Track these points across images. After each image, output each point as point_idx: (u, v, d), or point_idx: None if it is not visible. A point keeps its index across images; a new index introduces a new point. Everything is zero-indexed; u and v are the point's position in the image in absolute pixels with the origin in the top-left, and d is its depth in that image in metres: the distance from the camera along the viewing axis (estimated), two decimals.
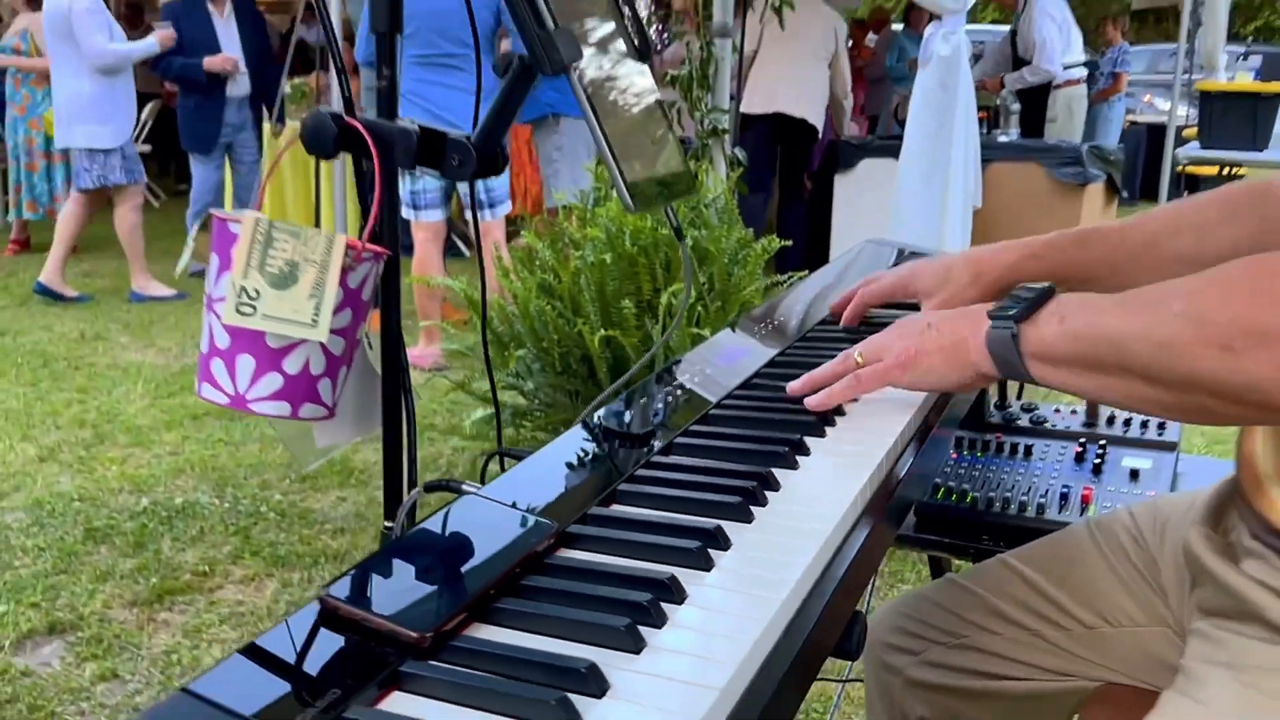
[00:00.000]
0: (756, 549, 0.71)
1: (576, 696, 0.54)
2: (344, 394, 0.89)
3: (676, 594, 0.65)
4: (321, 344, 0.81)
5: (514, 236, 6.11)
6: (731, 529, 0.73)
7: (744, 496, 0.76)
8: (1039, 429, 1.55)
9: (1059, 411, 1.60)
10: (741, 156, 3.35)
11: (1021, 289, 0.84)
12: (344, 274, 0.80)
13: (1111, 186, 4.52)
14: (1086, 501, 1.31)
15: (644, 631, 0.61)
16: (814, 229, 5.20)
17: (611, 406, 0.96)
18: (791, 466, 0.83)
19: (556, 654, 0.58)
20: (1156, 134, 9.96)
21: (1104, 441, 1.46)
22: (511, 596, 0.65)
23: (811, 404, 0.91)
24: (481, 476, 0.86)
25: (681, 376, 1.04)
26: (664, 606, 0.63)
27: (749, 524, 0.74)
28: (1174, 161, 8.66)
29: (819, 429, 0.90)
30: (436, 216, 4.18)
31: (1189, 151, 6.05)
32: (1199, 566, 0.87)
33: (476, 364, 2.89)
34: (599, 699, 0.55)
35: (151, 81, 7.49)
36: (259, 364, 0.80)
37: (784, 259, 3.21)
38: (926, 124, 4.13)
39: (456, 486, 0.78)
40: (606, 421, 0.93)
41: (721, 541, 0.71)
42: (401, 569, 0.66)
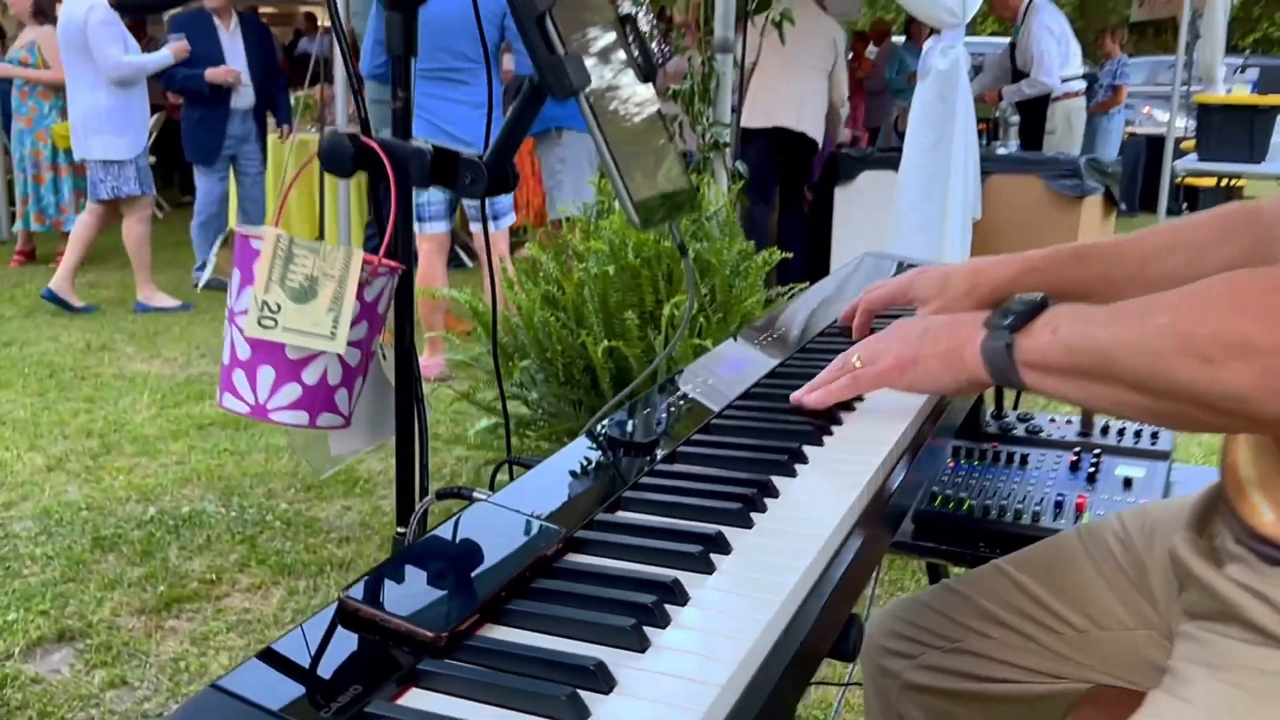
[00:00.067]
0: (756, 553, 0.74)
1: (585, 692, 0.57)
2: (358, 403, 0.92)
3: (680, 596, 0.67)
4: (339, 355, 0.85)
5: (517, 247, 6.15)
6: (732, 534, 0.76)
7: (744, 503, 0.79)
8: (1035, 438, 1.58)
9: (1054, 421, 1.63)
10: (743, 169, 3.39)
11: (1017, 300, 0.86)
12: (361, 288, 0.83)
13: (1109, 199, 4.55)
14: (1081, 509, 1.34)
15: (649, 631, 0.63)
16: (814, 240, 5.24)
17: (616, 416, 0.99)
18: (790, 474, 0.86)
19: (566, 652, 0.61)
20: (1155, 145, 10.01)
21: (1098, 451, 1.49)
22: (522, 598, 0.68)
23: (810, 401, 0.94)
24: (491, 484, 0.89)
25: (684, 387, 1.07)
26: (668, 608, 0.66)
27: (749, 529, 0.77)
28: (1172, 173, 8.71)
29: (817, 438, 0.93)
30: (441, 228, 4.22)
31: (1187, 164, 6.09)
32: (1185, 570, 0.90)
33: (481, 374, 2.92)
34: (607, 695, 0.58)
35: (155, 93, 7.55)
36: (279, 374, 0.83)
37: (785, 270, 3.24)
38: (925, 136, 4.16)
39: (467, 494, 0.81)
40: (611, 431, 0.96)
41: (723, 546, 0.74)
42: (417, 573, 0.69)
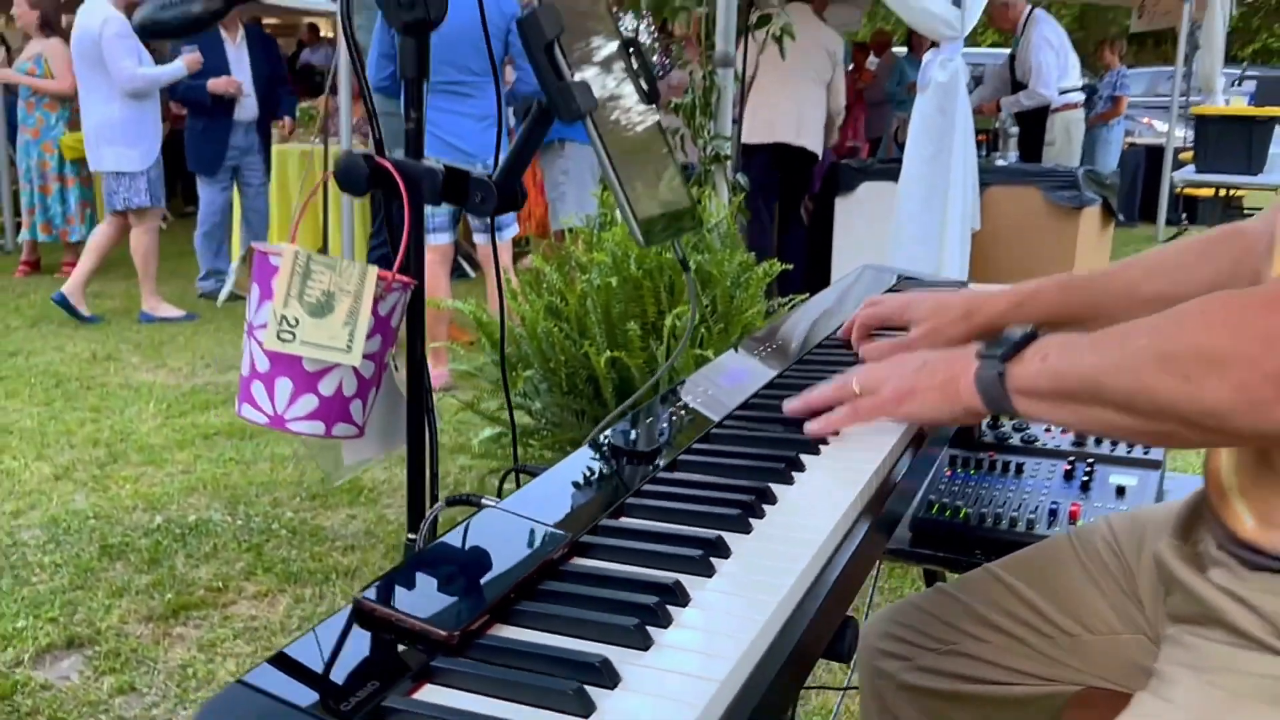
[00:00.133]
0: (754, 557, 0.77)
1: (591, 688, 0.60)
2: (371, 414, 0.96)
3: (681, 597, 0.71)
4: (354, 367, 0.88)
5: (520, 258, 6.19)
6: (731, 539, 0.79)
7: (743, 509, 0.83)
8: (1030, 448, 1.61)
9: (1049, 431, 1.66)
10: (743, 182, 3.42)
11: (1008, 332, 0.90)
12: (375, 303, 0.87)
13: (1108, 209, 4.59)
14: (1074, 517, 1.37)
15: (651, 630, 0.67)
16: (815, 250, 5.27)
17: (619, 426, 1.02)
18: (787, 482, 0.90)
19: (572, 650, 0.64)
20: (1155, 156, 10.06)
21: (1092, 460, 1.52)
22: (530, 599, 0.71)
23: (811, 430, 0.97)
24: (499, 491, 0.92)
25: (685, 397, 1.10)
26: (669, 608, 0.69)
27: (748, 534, 0.81)
28: (1171, 184, 8.76)
29: (813, 447, 0.96)
30: (445, 239, 4.26)
31: (1185, 175, 6.14)
32: (1170, 576, 0.93)
33: (484, 384, 2.95)
34: (611, 690, 0.61)
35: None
36: (296, 386, 0.87)
37: (785, 280, 3.28)
38: (925, 148, 4.20)
39: (476, 501, 0.84)
40: (615, 440, 0.99)
41: (722, 550, 0.77)
42: (430, 575, 0.72)
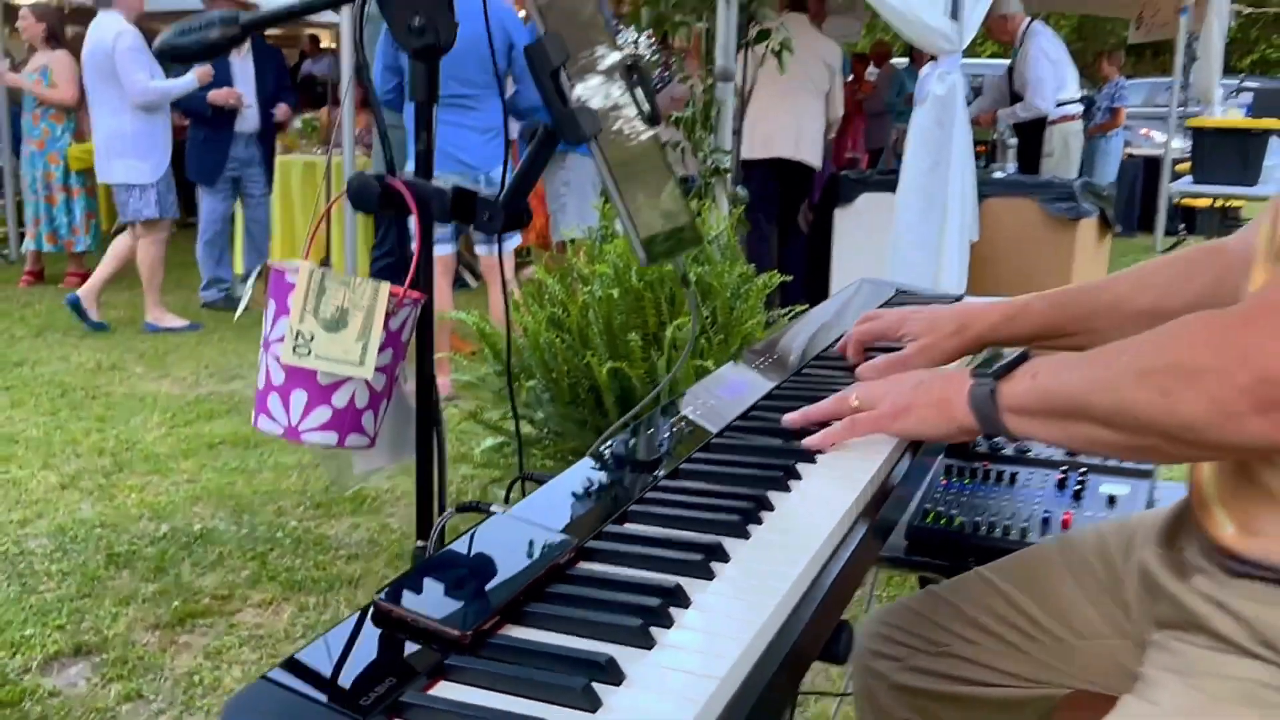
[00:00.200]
0: (752, 562, 0.80)
1: (597, 684, 0.64)
2: (381, 424, 0.99)
3: (682, 600, 0.74)
4: (366, 380, 0.91)
5: (521, 268, 6.23)
6: (731, 545, 0.82)
7: (742, 516, 0.86)
8: (1023, 457, 1.64)
9: None
10: (743, 194, 3.46)
11: (1001, 355, 0.93)
12: (386, 318, 0.90)
13: (1104, 221, 4.62)
14: (1066, 526, 1.39)
15: (654, 631, 0.70)
16: (814, 261, 5.31)
17: (622, 436, 1.05)
18: (785, 489, 0.93)
19: (579, 649, 0.68)
20: (1153, 166, 10.11)
21: (1084, 469, 1.55)
22: (539, 601, 0.74)
23: (810, 443, 1.01)
24: (506, 498, 0.96)
25: (686, 408, 1.13)
26: (671, 610, 0.72)
27: (746, 540, 0.84)
28: (1169, 195, 8.80)
29: (810, 456, 0.99)
30: (447, 250, 4.30)
31: (1182, 186, 6.18)
32: (1154, 583, 0.96)
33: (486, 394, 2.98)
34: (616, 687, 0.64)
35: None
36: (310, 398, 0.90)
37: (786, 290, 3.32)
38: (923, 160, 4.24)
39: (485, 508, 0.88)
40: (618, 450, 1.02)
41: (722, 555, 0.81)
42: (443, 579, 0.76)
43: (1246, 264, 0.94)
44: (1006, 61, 7.00)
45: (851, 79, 9.43)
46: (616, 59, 0.98)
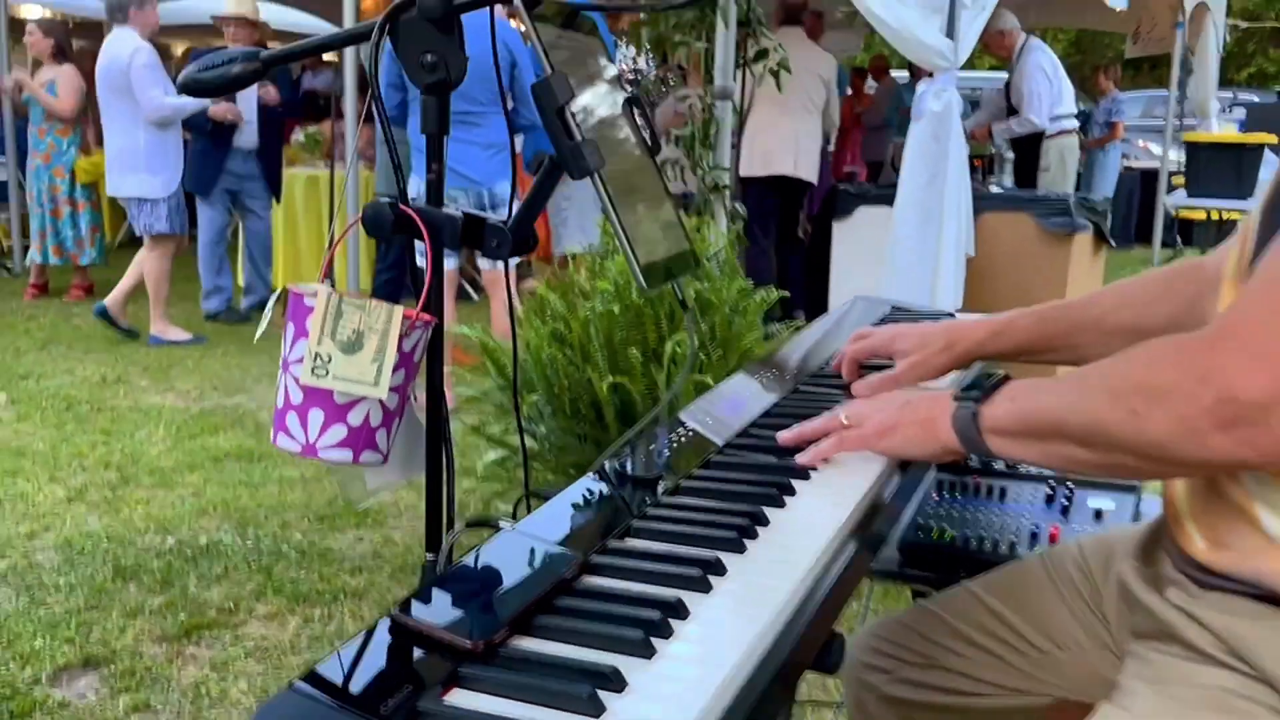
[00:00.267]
0: (749, 576, 0.85)
1: (602, 692, 0.68)
2: (394, 441, 1.03)
3: (681, 612, 0.78)
4: (380, 400, 0.96)
5: (521, 280, 6.28)
6: (728, 559, 0.86)
7: (739, 531, 0.90)
8: (1013, 472, 1.68)
9: None
10: (741, 211, 3.51)
11: (983, 378, 0.98)
12: (400, 340, 0.95)
13: (1100, 235, 4.68)
14: (1054, 539, 1.43)
15: (655, 642, 0.74)
16: (813, 273, 5.36)
17: (624, 453, 1.10)
18: (780, 506, 0.97)
19: (585, 659, 0.72)
20: (1150, 179, 10.18)
21: (1071, 484, 1.59)
22: (546, 614, 0.78)
23: (801, 460, 1.05)
24: (514, 514, 1.00)
25: (685, 425, 1.18)
26: (671, 622, 0.76)
27: (743, 555, 0.88)
28: (1165, 208, 8.86)
29: (804, 473, 1.04)
30: (450, 265, 4.35)
31: (1177, 199, 6.23)
32: (1132, 595, 1.00)
33: (489, 408, 3.02)
34: (619, 694, 0.69)
35: None
36: (327, 417, 0.94)
37: (786, 302, 3.36)
38: (920, 175, 4.29)
39: (494, 523, 0.92)
40: (620, 467, 1.07)
41: (719, 570, 0.85)
42: (455, 593, 0.80)
43: (1219, 284, 0.98)
44: (1005, 75, 7.06)
45: (850, 93, 9.51)
46: (619, 93, 1.03)
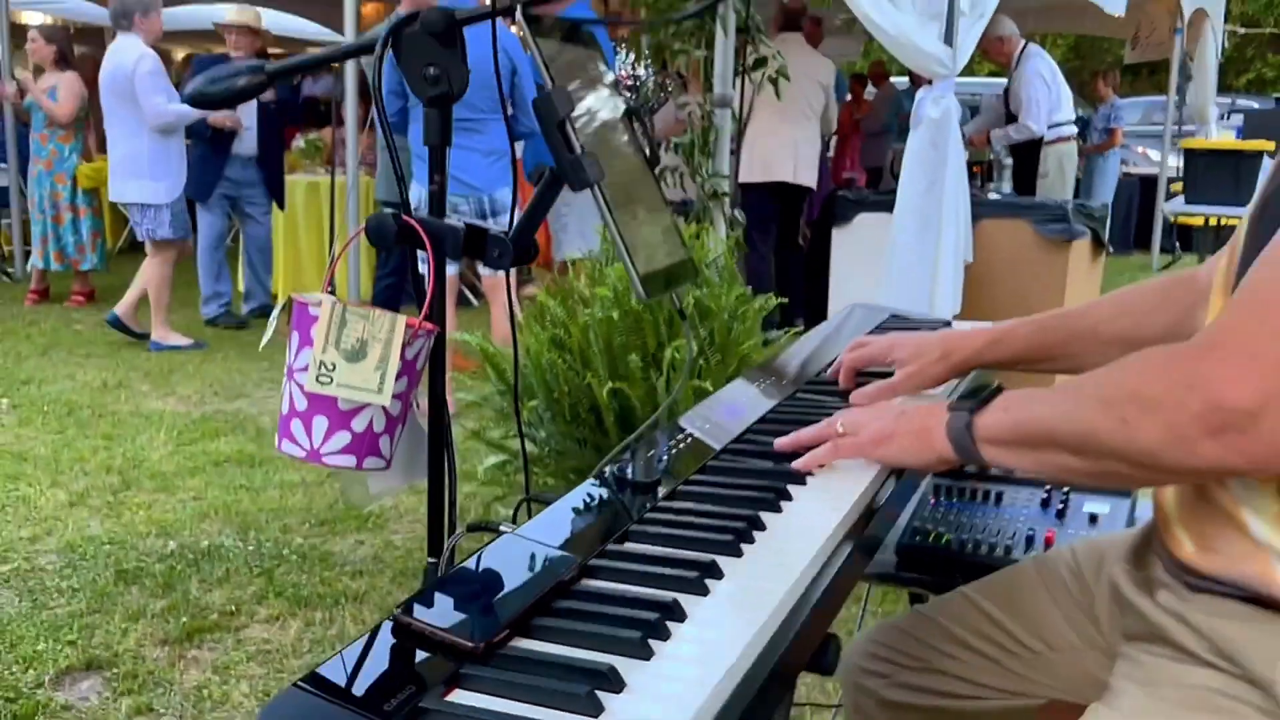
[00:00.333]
0: (745, 578, 0.86)
1: (600, 692, 0.69)
2: (396, 447, 1.05)
3: (679, 614, 0.80)
4: (383, 406, 0.98)
5: (522, 285, 6.30)
6: (724, 562, 0.88)
7: (735, 535, 0.92)
8: (1010, 477, 1.69)
9: None
10: (740, 218, 3.53)
11: (977, 389, 1.00)
12: (403, 348, 0.96)
13: (1097, 241, 4.69)
14: (1049, 543, 1.45)
15: (652, 643, 0.76)
16: (812, 278, 5.38)
17: (623, 458, 1.11)
18: (776, 510, 0.99)
19: (583, 659, 0.73)
20: (1149, 185, 10.19)
21: (1067, 488, 1.61)
22: (545, 616, 0.80)
23: (796, 465, 1.07)
24: (514, 518, 1.02)
25: (684, 431, 1.19)
26: (668, 624, 0.78)
27: (739, 558, 0.90)
28: (1164, 214, 8.88)
29: (800, 478, 1.05)
30: (451, 271, 4.37)
31: (1175, 206, 6.25)
32: (1122, 598, 1.02)
33: (489, 413, 3.04)
34: (617, 694, 0.70)
35: None
36: (331, 424, 0.96)
37: (786, 308, 3.38)
38: (919, 182, 4.31)
39: (495, 527, 0.93)
40: (619, 472, 1.08)
41: (716, 573, 0.86)
42: (457, 595, 0.82)
43: (1209, 294, 1.00)
44: (1004, 81, 7.09)
45: (850, 99, 9.53)
46: (618, 105, 1.05)
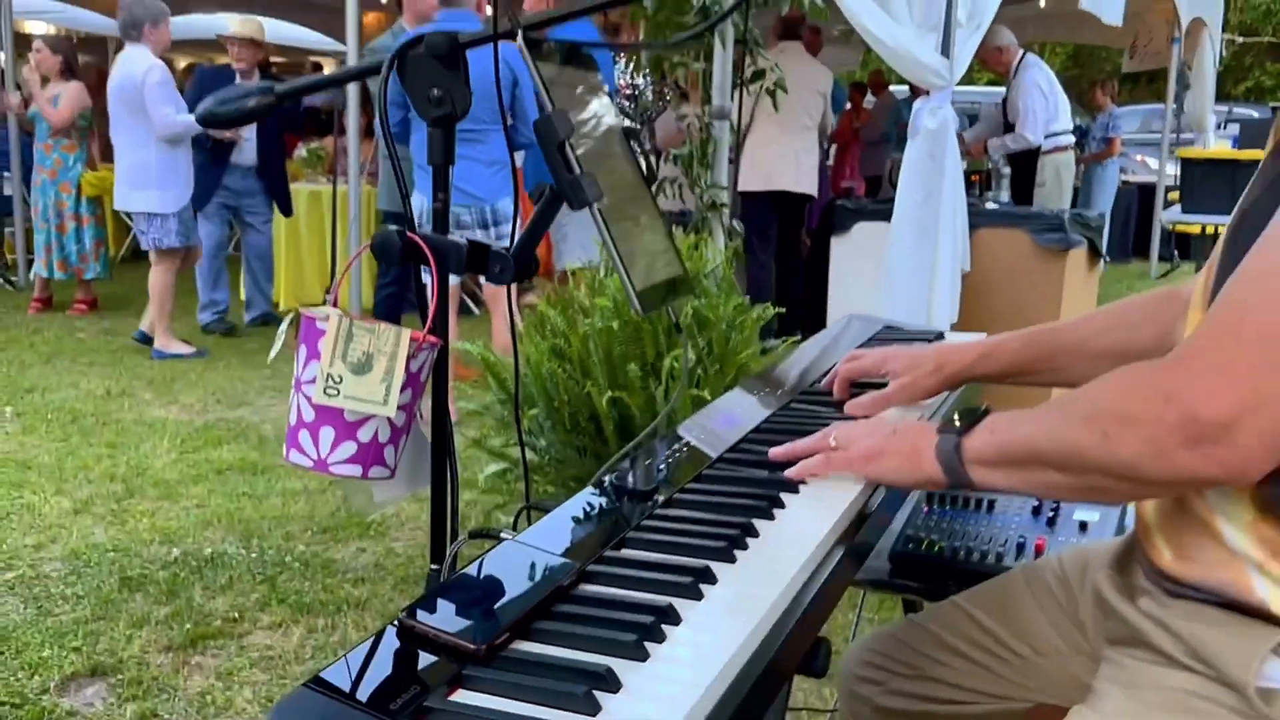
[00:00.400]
0: (738, 584, 0.89)
1: (597, 692, 0.72)
2: (400, 457, 1.08)
3: (673, 618, 0.83)
4: (388, 417, 1.01)
5: (522, 294, 6.33)
6: (718, 568, 0.91)
7: (729, 542, 0.95)
8: None
9: None
10: (739, 228, 3.57)
11: (964, 411, 1.02)
12: (407, 361, 0.99)
13: (1094, 251, 4.73)
14: (1040, 551, 1.48)
15: (648, 645, 0.79)
16: (812, 287, 5.41)
17: (621, 467, 1.14)
18: (769, 518, 1.02)
19: (581, 661, 0.76)
20: (1147, 193, 10.24)
21: None
22: (545, 619, 0.83)
23: (789, 474, 1.10)
24: (515, 525, 1.05)
25: (681, 441, 1.22)
26: (663, 627, 0.81)
27: (733, 564, 0.93)
28: (1162, 222, 8.91)
29: (793, 487, 1.08)
30: (452, 280, 4.40)
31: (1172, 214, 6.29)
32: (1106, 603, 1.05)
33: (490, 421, 3.07)
34: (614, 694, 0.73)
35: None
36: (338, 434, 0.99)
37: (785, 316, 3.41)
38: (916, 192, 4.34)
39: (496, 534, 0.97)
40: (617, 480, 1.11)
41: (710, 578, 0.89)
42: (460, 599, 0.85)
43: (1188, 309, 1.03)
44: (1003, 90, 7.13)
45: (849, 108, 9.58)
46: (617, 124, 1.08)
